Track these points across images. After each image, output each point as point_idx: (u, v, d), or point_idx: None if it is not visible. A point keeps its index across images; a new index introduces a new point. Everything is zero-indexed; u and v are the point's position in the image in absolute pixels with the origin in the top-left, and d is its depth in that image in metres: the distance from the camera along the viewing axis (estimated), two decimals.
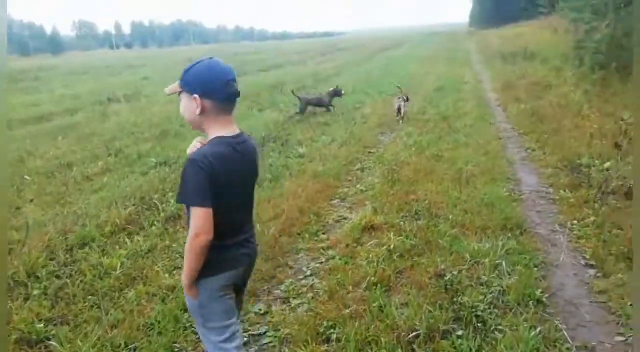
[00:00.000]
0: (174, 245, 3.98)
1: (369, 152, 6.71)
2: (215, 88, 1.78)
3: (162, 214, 4.61)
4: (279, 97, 12.20)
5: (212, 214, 1.73)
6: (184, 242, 1.93)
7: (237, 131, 1.87)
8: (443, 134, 7.07)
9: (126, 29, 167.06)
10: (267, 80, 16.25)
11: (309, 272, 3.50)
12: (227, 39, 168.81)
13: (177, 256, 3.78)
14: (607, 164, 4.95)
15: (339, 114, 9.31)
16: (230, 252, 1.92)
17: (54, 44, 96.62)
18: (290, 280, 3.41)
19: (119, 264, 3.57)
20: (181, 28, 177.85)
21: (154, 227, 4.32)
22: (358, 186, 5.28)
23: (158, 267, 3.60)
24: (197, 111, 1.79)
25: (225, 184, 1.78)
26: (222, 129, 1.83)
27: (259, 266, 3.50)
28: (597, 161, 5.08)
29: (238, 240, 1.93)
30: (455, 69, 16.10)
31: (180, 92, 1.84)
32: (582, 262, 3.34)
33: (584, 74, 9.45)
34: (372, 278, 3.19)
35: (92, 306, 3.10)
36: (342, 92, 9.78)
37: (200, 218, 1.73)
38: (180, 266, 3.65)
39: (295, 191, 5.04)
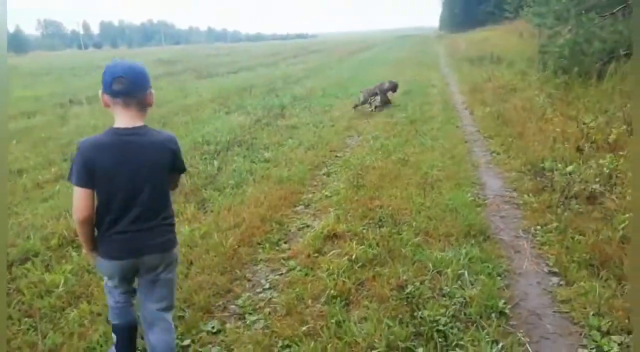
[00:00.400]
0: None
1: (336, 156, 6.60)
2: (107, 84, 2.00)
3: None
4: (247, 99, 11.97)
5: (88, 195, 1.97)
6: None
7: (136, 124, 2.03)
8: (410, 138, 7.02)
9: (95, 29, 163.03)
10: (236, 83, 15.97)
11: (267, 285, 3.34)
12: (200, 40, 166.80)
13: None
14: (569, 168, 4.97)
15: (308, 117, 9.18)
16: (111, 242, 2.05)
17: (17, 43, 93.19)
18: (248, 294, 3.24)
19: (62, 281, 3.33)
20: (152, 28, 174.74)
21: None
22: (323, 191, 5.15)
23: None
24: (102, 104, 2.08)
25: (102, 171, 1.95)
26: (118, 121, 2.04)
27: (215, 280, 3.34)
28: (560, 165, 5.10)
29: (122, 230, 2.02)
30: (424, 72, 16.22)
31: None
32: (546, 269, 3.29)
33: (548, 78, 9.61)
34: (332, 291, 3.06)
35: (28, 329, 2.85)
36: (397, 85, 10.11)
37: (75, 197, 1.98)
38: None
39: (257, 197, 4.87)
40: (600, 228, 3.60)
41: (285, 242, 4.01)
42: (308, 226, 4.27)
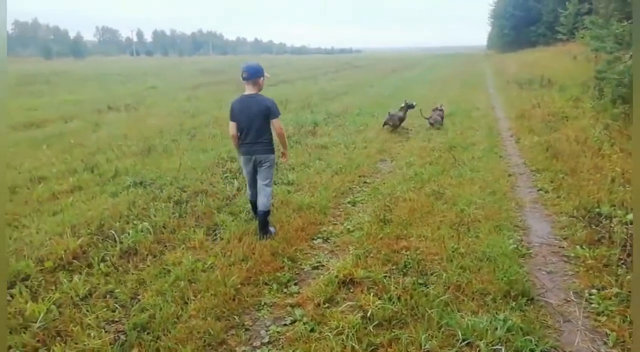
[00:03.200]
0: (117, 290, 3.40)
1: (365, 182, 6.12)
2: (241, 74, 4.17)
3: (117, 247, 4.06)
4: (281, 114, 11.67)
5: (233, 124, 4.22)
6: (132, 286, 3.47)
7: (252, 93, 4.17)
8: (447, 167, 6.45)
9: (148, 37, 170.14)
10: (273, 96, 15.66)
11: (266, 339, 2.90)
12: (246, 51, 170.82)
13: (117, 306, 3.21)
14: (630, 216, 4.29)
15: (341, 136, 8.75)
16: (242, 147, 4.29)
17: (76, 49, 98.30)
18: (243, 349, 2.81)
19: (43, 313, 3.01)
20: (201, 38, 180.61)
21: (102, 264, 3.75)
22: (345, 224, 4.68)
23: (89, 319, 3.02)
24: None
25: (236, 114, 4.20)
26: (246, 91, 4.20)
27: (209, 326, 2.93)
28: (619, 212, 4.42)
29: (246, 142, 4.22)
30: (468, 94, 15.51)
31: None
32: (603, 350, 2.68)
33: (605, 106, 8.80)
34: None
35: None
36: (414, 104, 9.60)
37: (230, 125, 4.25)
38: (117, 319, 3.09)
39: (273, 227, 4.46)
40: None
41: (295, 283, 3.56)
42: (323, 266, 3.81)
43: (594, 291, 3.25)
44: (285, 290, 3.46)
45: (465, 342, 2.68)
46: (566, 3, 28.48)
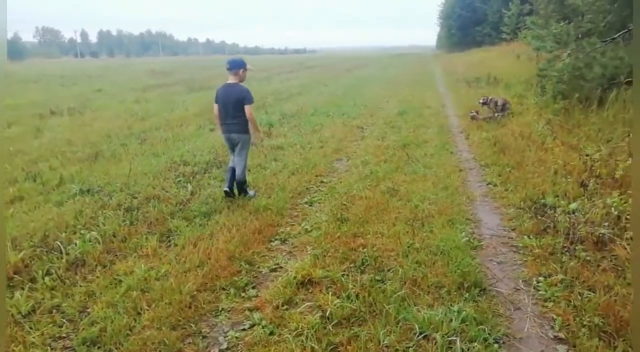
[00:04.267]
0: (64, 304, 3.23)
1: (321, 182, 6.13)
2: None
3: (63, 259, 3.86)
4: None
5: (216, 107, 5.16)
6: (81, 299, 3.31)
7: (232, 82, 5.09)
8: (401, 164, 6.58)
9: (93, 38, 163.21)
10: None
11: (225, 345, 2.84)
12: (198, 52, 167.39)
13: (64, 321, 3.04)
14: (573, 205, 4.54)
15: (296, 137, 8.73)
16: (222, 126, 5.20)
17: (14, 50, 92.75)
18: None
19: None
20: (150, 39, 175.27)
21: (47, 278, 3.55)
22: (303, 224, 4.67)
23: (34, 337, 2.85)
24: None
25: (218, 98, 5.12)
26: (229, 80, 5.13)
27: (164, 336, 2.83)
28: (562, 202, 4.66)
29: (225, 123, 5.14)
30: (420, 92, 15.89)
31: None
32: (551, 334, 2.81)
33: (547, 102, 9.24)
34: None
35: None
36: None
37: (214, 106, 5.21)
38: (65, 335, 2.94)
39: (229, 230, 4.39)
40: (611, 283, 3.14)
41: (253, 287, 3.51)
42: (281, 268, 3.78)
43: (541, 278, 3.41)
44: (243, 294, 3.40)
45: (422, 335, 2.73)
46: (509, 4, 29.82)
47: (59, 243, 4.06)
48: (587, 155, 5.65)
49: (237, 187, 5.28)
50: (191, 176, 6.18)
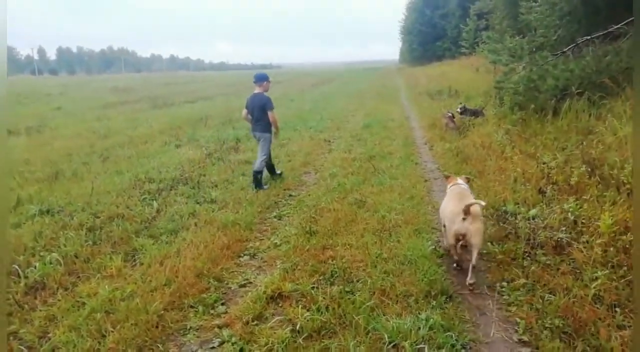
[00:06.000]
0: (22, 330, 3.09)
1: (290, 195, 6.15)
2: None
3: (22, 283, 3.70)
4: (201, 131, 11.43)
5: (246, 111, 6.61)
6: (41, 324, 3.16)
7: (258, 92, 6.47)
8: (368, 176, 6.67)
9: (52, 55, 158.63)
10: (192, 113, 15.41)
11: None
12: (162, 68, 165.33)
13: (23, 348, 2.91)
14: (532, 212, 4.71)
15: None
16: (252, 125, 6.69)
17: None
18: None
19: None
20: (112, 55, 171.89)
21: (4, 304, 3.39)
22: (272, 238, 4.66)
23: None
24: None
25: (248, 105, 6.53)
26: (255, 90, 6.52)
27: None
28: (522, 209, 4.84)
29: (253, 123, 6.58)
30: (384, 106, 16.21)
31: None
32: (515, 338, 2.90)
33: (505, 113, 9.61)
34: None
35: None
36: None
37: (243, 111, 6.73)
38: None
39: (197, 246, 4.32)
40: (570, 285, 3.28)
41: (222, 304, 3.47)
42: (251, 283, 3.75)
43: (504, 283, 3.52)
44: (212, 311, 3.36)
45: (392, 344, 2.77)
46: (467, 20, 30.96)
47: (16, 267, 3.89)
48: (544, 163, 5.89)
49: (253, 177, 6.34)
50: (157, 193, 6.06)
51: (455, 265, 3.82)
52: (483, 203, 3.46)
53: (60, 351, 2.86)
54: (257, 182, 6.26)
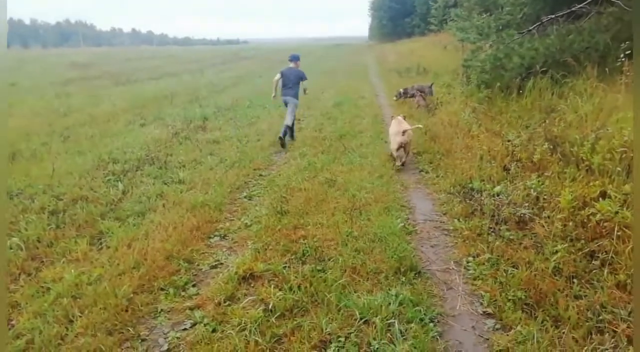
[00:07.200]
0: None
1: (260, 175, 6.11)
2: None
3: None
4: (167, 109, 11.12)
5: (279, 78, 8.08)
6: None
7: (292, 67, 8.17)
8: (338, 155, 6.69)
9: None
10: (157, 90, 14.93)
11: (165, 346, 2.78)
12: (124, 43, 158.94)
13: None
14: (497, 188, 4.85)
15: (232, 130, 8.60)
16: (282, 91, 8.02)
17: None
18: None
19: None
20: (69, 29, 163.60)
21: None
22: (243, 219, 4.63)
23: None
24: None
25: (283, 75, 8.01)
26: (288, 65, 8.23)
27: (100, 342, 2.72)
28: (488, 185, 4.97)
29: (285, 90, 7.97)
30: (354, 83, 16.18)
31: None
32: (480, 310, 3.01)
33: (472, 91, 9.76)
34: None
35: None
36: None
37: (276, 76, 8.17)
38: None
39: (166, 228, 4.25)
40: (532, 259, 3.41)
41: (193, 285, 3.45)
42: (222, 264, 3.74)
43: (470, 258, 3.64)
44: (183, 293, 3.34)
45: (363, 320, 2.83)
46: None
47: None
48: (508, 140, 6.04)
49: (288, 131, 7.67)
50: (122, 174, 5.90)
51: (399, 164, 6.01)
52: (410, 127, 6.14)
53: (24, 337, 2.79)
54: (291, 132, 7.83)
